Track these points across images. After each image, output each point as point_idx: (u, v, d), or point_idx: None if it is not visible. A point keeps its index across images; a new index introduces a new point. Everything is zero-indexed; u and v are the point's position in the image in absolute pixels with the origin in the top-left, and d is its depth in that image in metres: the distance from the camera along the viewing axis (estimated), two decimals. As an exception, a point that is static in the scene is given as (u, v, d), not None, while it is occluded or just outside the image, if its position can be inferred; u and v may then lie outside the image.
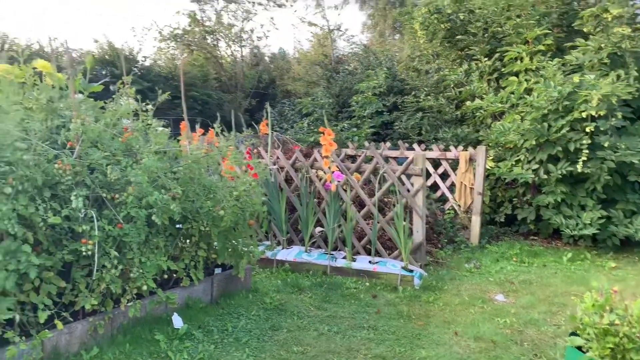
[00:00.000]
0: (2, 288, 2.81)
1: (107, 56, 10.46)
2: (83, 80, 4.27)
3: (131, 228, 3.41)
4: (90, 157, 3.32)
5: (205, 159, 4.26)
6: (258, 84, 15.20)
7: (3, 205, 2.83)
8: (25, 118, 3.35)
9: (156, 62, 11.92)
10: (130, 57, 10.93)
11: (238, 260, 4.41)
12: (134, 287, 3.56)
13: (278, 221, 5.99)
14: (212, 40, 14.28)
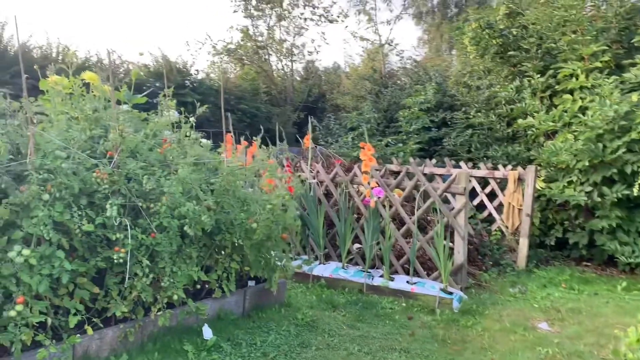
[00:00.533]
0: (35, 292, 2.88)
1: (162, 69, 10.80)
2: (127, 92, 4.39)
3: (163, 238, 3.45)
4: (127, 167, 3.39)
5: (241, 171, 4.29)
6: (307, 97, 15.31)
7: (40, 212, 2.92)
8: (68, 127, 3.46)
9: (208, 76, 12.21)
10: (183, 70, 11.24)
11: (271, 273, 4.39)
12: (164, 296, 3.59)
13: (316, 236, 5.94)
14: (264, 55, 14.51)
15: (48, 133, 3.35)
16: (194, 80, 11.22)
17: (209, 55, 13.86)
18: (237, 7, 14.03)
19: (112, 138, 3.39)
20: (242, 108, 11.84)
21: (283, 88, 15.10)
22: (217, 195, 3.98)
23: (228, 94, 11.93)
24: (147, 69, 10.89)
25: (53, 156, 3.13)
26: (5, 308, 2.81)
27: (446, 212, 5.22)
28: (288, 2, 14.57)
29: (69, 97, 4.10)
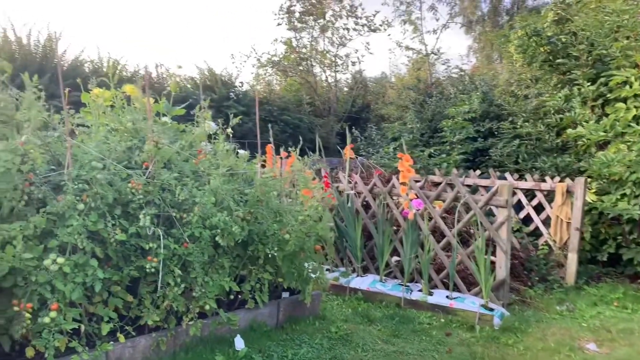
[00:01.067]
0: (68, 299, 2.95)
1: (208, 81, 11.08)
2: (166, 104, 4.48)
3: (195, 248, 3.47)
4: (161, 177, 3.44)
5: (274, 181, 4.29)
6: (351, 108, 15.28)
7: (74, 221, 3.00)
8: (106, 139, 3.55)
9: (252, 87, 12.39)
10: (228, 82, 11.44)
11: (304, 285, 4.35)
12: (196, 306, 3.61)
13: (353, 248, 5.86)
14: (307, 66, 14.61)
15: (86, 145, 3.44)
16: (238, 92, 11.40)
17: (254, 67, 14.08)
18: (281, 20, 14.25)
19: (146, 149, 3.46)
20: (284, 119, 11.94)
21: (327, 99, 15.14)
22: (250, 206, 3.99)
23: (271, 105, 12.06)
24: (194, 81, 11.16)
25: (89, 167, 3.22)
26: (40, 314, 2.88)
27: (487, 225, 5.04)
28: (331, 14, 14.66)
29: (111, 109, 4.23)
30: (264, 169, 4.44)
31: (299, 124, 12.38)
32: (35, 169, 3.05)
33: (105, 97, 4.10)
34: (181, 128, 4.43)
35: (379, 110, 15.66)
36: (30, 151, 2.85)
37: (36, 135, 3.30)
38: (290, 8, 14.07)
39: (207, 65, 11.35)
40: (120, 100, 4.25)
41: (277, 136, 11.46)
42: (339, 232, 5.99)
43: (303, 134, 7.25)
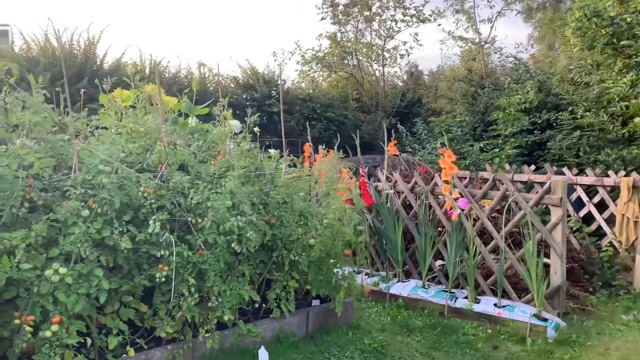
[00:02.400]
0: (71, 311, 2.78)
1: (250, 80, 10.95)
2: (188, 103, 4.29)
3: (210, 255, 3.24)
4: (173, 180, 3.23)
5: (300, 182, 4.01)
6: (400, 102, 14.79)
7: (77, 228, 2.83)
8: (113, 141, 3.38)
9: (293, 85, 12.18)
10: (269, 80, 11.28)
11: (334, 293, 4.05)
12: (214, 316, 3.38)
13: (394, 251, 5.50)
14: (352, 60, 14.25)
15: (95, 147, 3.28)
16: (280, 90, 11.22)
17: (298, 64, 13.87)
18: (325, 14, 13.94)
19: (157, 151, 3.26)
20: (328, 116, 11.64)
21: (374, 94, 14.72)
22: (272, 209, 3.73)
23: (314, 103, 11.79)
24: (236, 80, 11.06)
25: (96, 170, 3.05)
26: (42, 328, 2.72)
27: (539, 226, 4.55)
28: (378, 5, 14.22)
29: (132, 109, 4.08)
30: (291, 169, 4.16)
31: (343, 120, 12.05)
32: (39, 174, 2.90)
33: (124, 97, 3.94)
34: (205, 128, 4.23)
35: (430, 104, 15.08)
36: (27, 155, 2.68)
37: (45, 139, 3.17)
38: (334, 1, 13.77)
39: (249, 64, 11.25)
40: (141, 101, 4.10)
41: (320, 134, 11.26)
42: (378, 234, 5.64)
43: (348, 131, 6.95)
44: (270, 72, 11.34)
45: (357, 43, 14.03)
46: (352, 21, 14.01)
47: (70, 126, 3.24)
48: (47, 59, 7.96)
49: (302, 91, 12.42)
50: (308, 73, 14.09)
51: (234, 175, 3.29)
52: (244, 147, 3.62)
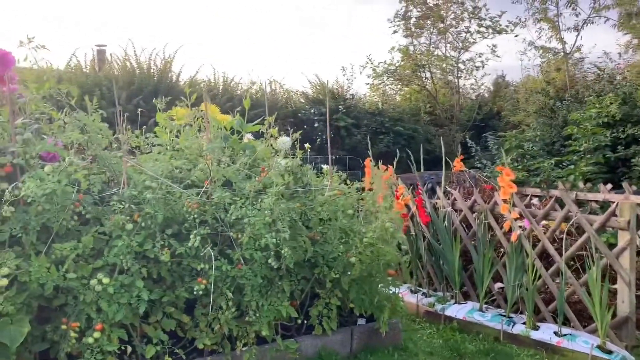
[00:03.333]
0: (113, 320, 2.94)
1: (320, 95, 11.08)
2: (240, 121, 4.42)
3: (248, 270, 3.31)
4: (214, 196, 3.34)
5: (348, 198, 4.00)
6: (476, 115, 14.35)
7: (120, 241, 2.99)
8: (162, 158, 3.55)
9: (361, 99, 12.16)
10: (337, 94, 11.35)
11: (378, 313, 3.98)
12: (252, 330, 3.44)
13: (451, 271, 5.31)
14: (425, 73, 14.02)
15: (146, 164, 3.47)
16: (349, 105, 11.26)
17: (369, 78, 13.86)
18: (397, 27, 13.85)
19: (199, 168, 3.38)
20: (397, 130, 11.52)
21: (448, 107, 14.38)
22: (314, 225, 3.74)
23: (383, 116, 11.71)
24: (305, 95, 11.25)
25: (142, 186, 3.21)
26: (86, 334, 2.90)
27: (605, 250, 4.23)
28: (452, 17, 13.92)
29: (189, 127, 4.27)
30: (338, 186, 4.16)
31: (413, 134, 11.86)
32: (90, 189, 3.10)
33: (178, 116, 4.14)
34: (256, 144, 4.33)
35: (508, 117, 14.50)
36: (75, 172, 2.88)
37: (99, 156, 3.40)
38: (406, 14, 13.66)
39: (318, 79, 11.41)
40: (196, 119, 4.27)
41: (388, 148, 11.16)
42: (435, 254, 5.49)
43: (418, 145, 6.86)
44: (339, 86, 11.43)
45: (430, 55, 13.80)
46: (425, 33, 13.83)
47: (123, 143, 3.44)
48: (126, 78, 8.55)
49: (371, 105, 12.39)
50: (379, 86, 14.06)
51: (272, 192, 3.34)
52: (288, 163, 3.66)
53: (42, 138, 3.23)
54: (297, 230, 3.63)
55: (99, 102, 3.72)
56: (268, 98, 10.27)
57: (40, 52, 3.24)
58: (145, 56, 8.92)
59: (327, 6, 30.99)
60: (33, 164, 2.96)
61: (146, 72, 8.81)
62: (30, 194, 2.70)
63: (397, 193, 5.72)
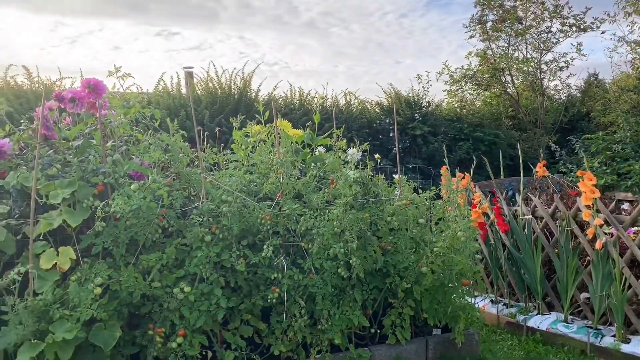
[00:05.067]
0: (194, 326, 3.14)
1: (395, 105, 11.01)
2: (310, 135, 4.56)
3: (319, 279, 3.41)
4: (285, 208, 3.49)
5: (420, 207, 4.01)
6: (562, 117, 13.65)
7: (200, 252, 3.20)
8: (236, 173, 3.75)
9: (438, 106, 11.94)
10: (412, 103, 11.26)
11: (453, 323, 3.94)
12: (325, 338, 3.53)
13: (532, 281, 5.12)
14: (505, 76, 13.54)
15: (223, 179, 3.68)
16: (425, 112, 11.13)
17: (446, 84, 13.61)
18: (474, 32, 13.52)
19: (270, 181, 3.55)
20: (477, 136, 11.20)
21: (531, 110, 13.79)
22: (384, 235, 3.79)
23: (462, 123, 11.46)
24: (380, 105, 11.26)
25: (219, 200, 3.42)
26: (171, 339, 3.12)
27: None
28: (532, 17, 13.37)
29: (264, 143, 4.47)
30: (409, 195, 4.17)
31: (494, 140, 11.48)
32: (172, 204, 3.34)
33: (253, 132, 4.35)
34: (326, 157, 4.45)
35: (598, 119, 13.66)
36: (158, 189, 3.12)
37: (181, 173, 3.66)
38: (482, 18, 13.31)
39: (393, 89, 11.38)
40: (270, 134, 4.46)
41: (468, 154, 10.89)
42: (514, 263, 5.32)
43: (499, 151, 6.69)
44: (415, 94, 11.35)
45: (509, 58, 13.33)
46: (502, 36, 13.40)
47: (202, 161, 3.69)
48: (209, 98, 9.03)
49: (448, 111, 12.16)
50: (456, 92, 13.78)
51: (340, 202, 3.43)
52: (356, 174, 3.74)
53: (130, 158, 3.54)
54: (366, 240, 3.69)
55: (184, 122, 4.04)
56: (341, 110, 10.41)
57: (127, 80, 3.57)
58: (226, 76, 9.40)
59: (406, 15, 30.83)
60: (122, 182, 3.24)
61: (227, 91, 9.26)
62: (119, 210, 2.97)
63: (474, 201, 5.62)
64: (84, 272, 2.96)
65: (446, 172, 5.85)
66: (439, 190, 4.56)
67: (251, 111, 8.37)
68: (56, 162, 3.25)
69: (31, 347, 2.71)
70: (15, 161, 3.37)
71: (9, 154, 3.36)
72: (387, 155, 9.44)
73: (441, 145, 9.74)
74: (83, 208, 3.06)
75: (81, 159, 3.31)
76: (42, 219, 3.04)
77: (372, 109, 11.20)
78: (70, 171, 3.22)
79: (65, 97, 3.55)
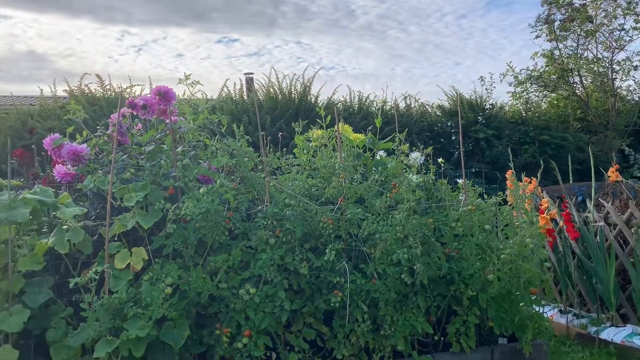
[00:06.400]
0: (259, 327, 3.20)
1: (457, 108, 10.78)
2: (371, 139, 4.55)
3: (382, 284, 3.39)
4: (347, 212, 3.49)
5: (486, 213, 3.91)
6: (637, 119, 12.92)
7: (264, 254, 3.26)
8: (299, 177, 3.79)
9: (502, 108, 11.58)
10: (475, 106, 10.99)
11: (520, 333, 3.81)
12: (387, 344, 3.50)
13: (605, 291, 4.88)
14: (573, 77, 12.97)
15: (286, 183, 3.74)
16: (488, 115, 10.84)
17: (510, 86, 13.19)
18: (540, 32, 13.03)
19: (332, 186, 3.56)
20: (543, 139, 10.79)
21: (602, 112, 13.13)
22: (448, 241, 3.72)
23: (527, 126, 11.06)
24: (442, 108, 11.07)
25: (282, 204, 3.48)
26: (236, 339, 3.19)
27: None
28: (602, 15, 12.75)
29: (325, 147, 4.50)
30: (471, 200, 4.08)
31: (561, 143, 11.01)
32: (238, 207, 3.43)
33: (314, 137, 4.38)
34: (387, 161, 4.42)
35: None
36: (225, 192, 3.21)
37: (245, 177, 3.74)
38: (549, 17, 12.81)
39: (455, 91, 11.16)
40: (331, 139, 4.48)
41: (534, 158, 10.51)
42: (585, 272, 5.09)
43: (568, 155, 6.42)
44: (478, 96, 11.08)
45: (577, 58, 12.78)
46: (571, 36, 12.85)
47: (266, 165, 3.76)
48: (270, 104, 9.20)
49: (513, 114, 11.78)
50: (521, 94, 13.33)
51: (403, 207, 3.40)
52: (419, 179, 3.70)
53: (198, 163, 3.66)
54: (430, 246, 3.64)
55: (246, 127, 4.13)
56: (402, 114, 10.32)
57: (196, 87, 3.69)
58: (286, 82, 9.56)
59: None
60: (191, 186, 3.36)
61: (287, 96, 9.40)
62: (189, 213, 3.07)
63: (542, 207, 5.43)
64: (156, 272, 3.08)
65: (512, 176, 5.70)
66: (505, 196, 4.44)
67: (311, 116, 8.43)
68: (130, 166, 3.41)
69: (107, 343, 2.85)
70: (92, 165, 3.56)
71: (86, 159, 3.56)
72: (448, 159, 9.28)
73: (506, 148, 9.46)
74: (155, 210, 3.20)
75: (153, 164, 3.45)
76: (116, 221, 3.20)
77: (432, 112, 11.04)
78: (143, 175, 3.37)
79: (137, 104, 3.73)
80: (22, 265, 3.05)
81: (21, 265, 3.05)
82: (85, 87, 9.40)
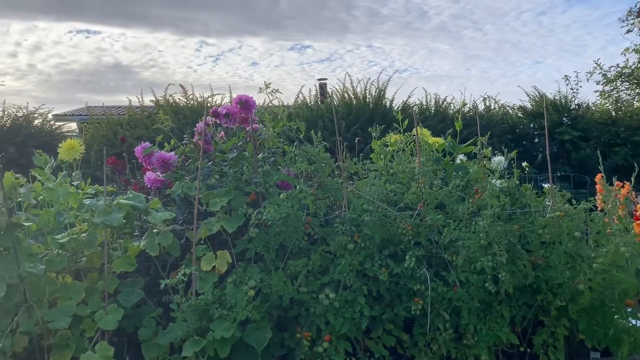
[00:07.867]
0: (339, 332, 3.22)
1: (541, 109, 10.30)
2: (451, 143, 4.46)
3: (464, 293, 3.31)
4: (428, 218, 3.44)
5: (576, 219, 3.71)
6: None
7: (343, 260, 3.28)
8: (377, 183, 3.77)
9: (589, 109, 10.91)
10: (560, 106, 10.45)
11: (615, 347, 3.57)
12: (470, 354, 3.40)
13: None
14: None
15: (363, 188, 3.74)
16: (574, 116, 10.29)
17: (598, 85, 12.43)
18: (632, 26, 12.16)
19: (411, 191, 3.52)
20: (636, 140, 10.07)
21: None
22: (534, 249, 3.56)
23: (617, 126, 10.37)
24: (523, 109, 10.62)
25: (360, 209, 3.48)
26: (317, 343, 3.23)
27: None
28: None
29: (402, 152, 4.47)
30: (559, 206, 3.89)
31: (657, 144, 10.28)
32: (317, 212, 3.47)
33: (391, 142, 4.36)
34: (469, 165, 4.32)
35: None
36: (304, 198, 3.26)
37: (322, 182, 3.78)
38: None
39: (538, 91, 10.66)
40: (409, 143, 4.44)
41: (625, 161, 9.85)
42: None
43: None
44: (562, 96, 10.53)
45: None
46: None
47: (343, 171, 3.78)
48: (344, 109, 9.24)
49: (601, 114, 11.11)
50: (610, 93, 12.52)
51: (487, 214, 3.30)
52: (503, 184, 3.57)
53: (278, 169, 3.74)
54: (515, 254, 3.50)
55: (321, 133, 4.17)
56: (482, 116, 10.03)
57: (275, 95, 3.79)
58: (361, 86, 9.57)
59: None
60: (271, 192, 3.44)
61: (362, 101, 9.42)
62: (270, 218, 3.15)
63: (636, 213, 5.07)
64: (239, 274, 3.18)
65: (602, 180, 5.37)
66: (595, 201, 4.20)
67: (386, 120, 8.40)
68: (215, 173, 3.54)
69: (194, 342, 2.97)
70: (180, 172, 3.73)
71: (174, 166, 3.74)
72: (532, 163, 8.90)
73: (594, 151, 8.96)
74: (238, 215, 3.30)
75: (235, 170, 3.57)
76: (202, 225, 3.33)
77: (514, 114, 10.63)
78: (227, 181, 3.49)
79: (220, 113, 3.87)
80: (117, 267, 3.25)
81: (115, 266, 3.25)
82: (170, 97, 9.89)
